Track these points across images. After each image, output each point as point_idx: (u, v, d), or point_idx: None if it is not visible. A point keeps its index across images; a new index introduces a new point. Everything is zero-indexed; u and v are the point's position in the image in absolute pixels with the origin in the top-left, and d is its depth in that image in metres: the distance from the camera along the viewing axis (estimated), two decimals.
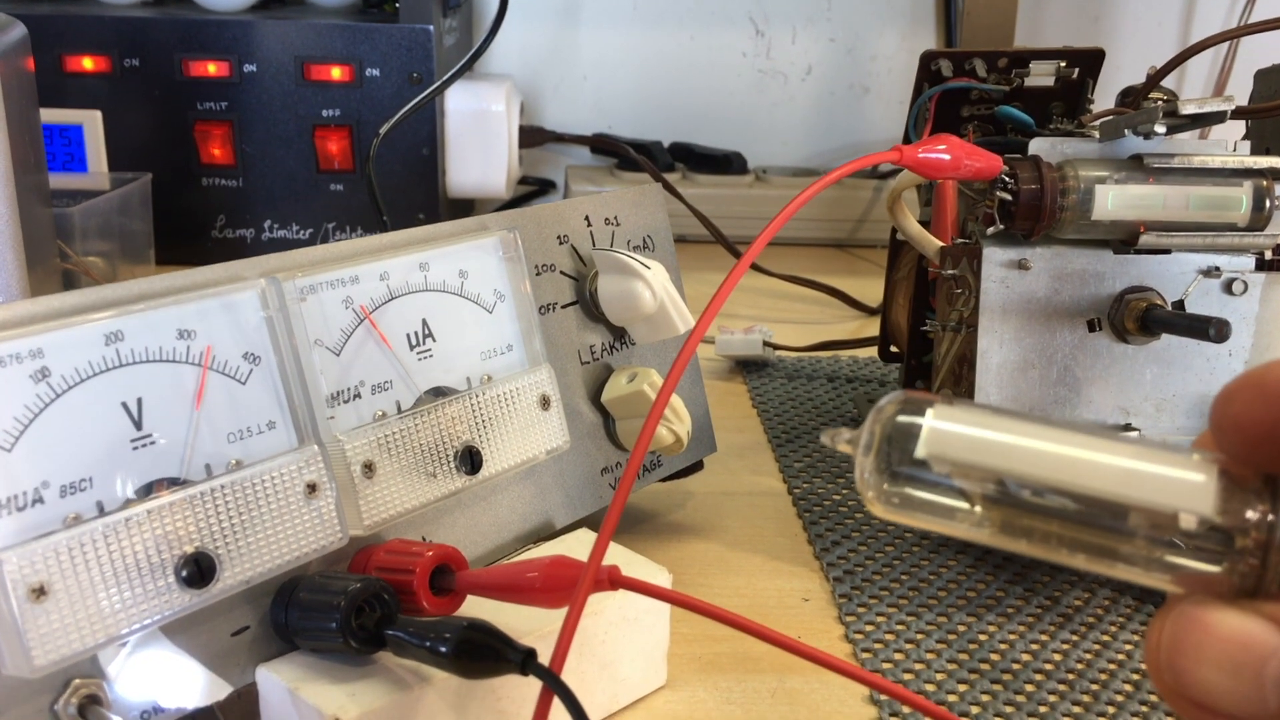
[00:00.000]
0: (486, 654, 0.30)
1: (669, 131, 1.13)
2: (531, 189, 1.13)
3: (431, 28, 0.87)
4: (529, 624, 0.36)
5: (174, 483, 0.32)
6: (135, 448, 0.31)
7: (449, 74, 0.73)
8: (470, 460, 0.38)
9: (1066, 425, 0.23)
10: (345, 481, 0.35)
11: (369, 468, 0.35)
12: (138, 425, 0.31)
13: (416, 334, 0.39)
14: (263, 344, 0.34)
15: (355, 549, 0.36)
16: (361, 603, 0.32)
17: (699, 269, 0.75)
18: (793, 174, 1.09)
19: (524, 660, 0.30)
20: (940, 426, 0.23)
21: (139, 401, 0.31)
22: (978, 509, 0.23)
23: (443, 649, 0.30)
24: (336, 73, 0.87)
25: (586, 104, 1.15)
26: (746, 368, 0.74)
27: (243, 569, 0.32)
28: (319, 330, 0.35)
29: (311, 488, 0.34)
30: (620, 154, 1.04)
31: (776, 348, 0.74)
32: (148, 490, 0.31)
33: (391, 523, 0.36)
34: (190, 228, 0.90)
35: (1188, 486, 0.21)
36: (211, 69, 0.87)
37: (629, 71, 1.14)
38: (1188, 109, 0.40)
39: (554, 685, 0.29)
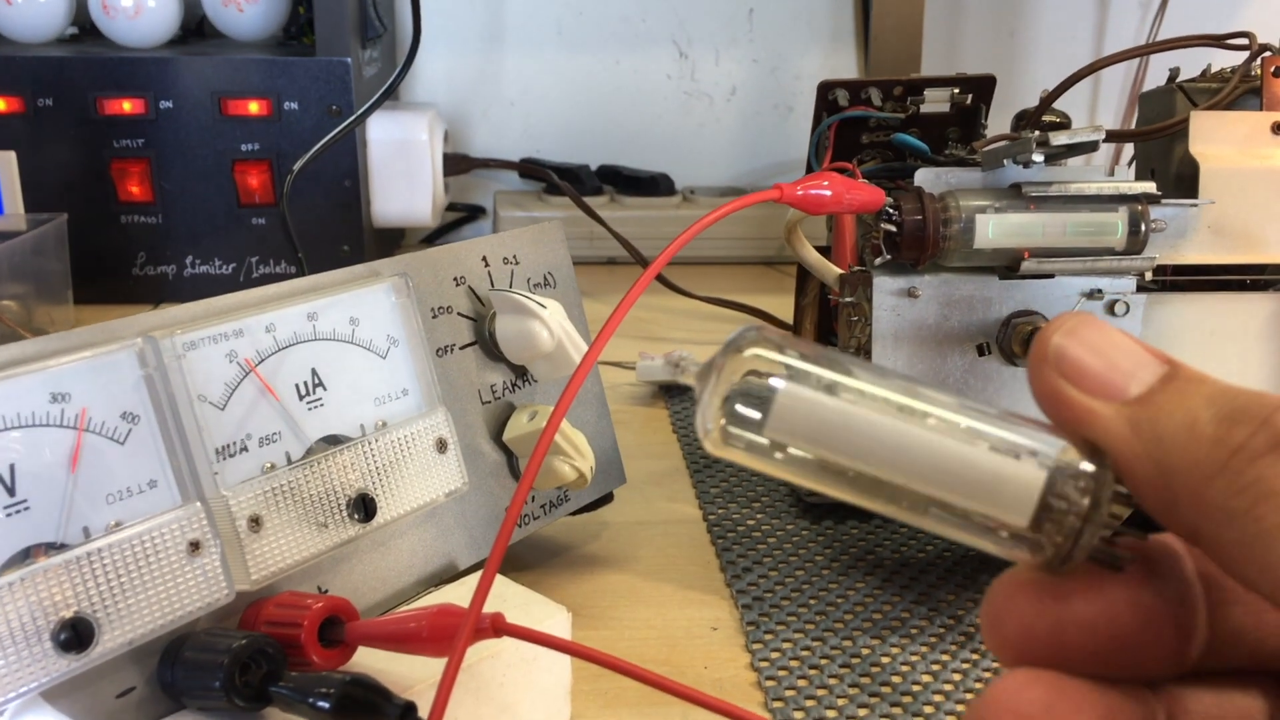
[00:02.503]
0: (365, 709, 0.31)
1: (597, 154, 1.13)
2: (461, 215, 1.13)
3: (349, 60, 0.87)
4: (424, 672, 0.36)
5: (52, 547, 0.32)
6: (8, 514, 0.31)
7: (363, 108, 0.73)
8: (364, 508, 0.39)
9: (920, 399, 0.23)
10: (231, 537, 0.35)
11: (255, 521, 0.35)
12: (10, 492, 0.31)
13: (306, 384, 0.39)
14: (141, 403, 0.34)
15: (246, 604, 0.36)
16: (246, 659, 0.33)
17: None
18: (720, 194, 1.10)
19: (401, 714, 0.30)
20: (787, 403, 0.23)
21: (11, 468, 0.31)
22: (810, 467, 0.23)
23: (323, 705, 0.31)
24: (254, 107, 0.87)
25: (515, 129, 1.15)
26: (669, 393, 0.74)
27: (123, 631, 0.32)
28: (202, 386, 0.35)
29: (194, 546, 0.34)
30: (546, 179, 1.05)
31: None
32: (25, 556, 0.31)
33: (282, 575, 0.36)
34: (111, 266, 0.89)
35: (1016, 491, 0.22)
36: (127, 106, 0.87)
37: (556, 96, 1.15)
38: (1060, 139, 0.41)
39: None
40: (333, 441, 0.39)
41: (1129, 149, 0.81)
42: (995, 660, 0.45)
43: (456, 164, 1.02)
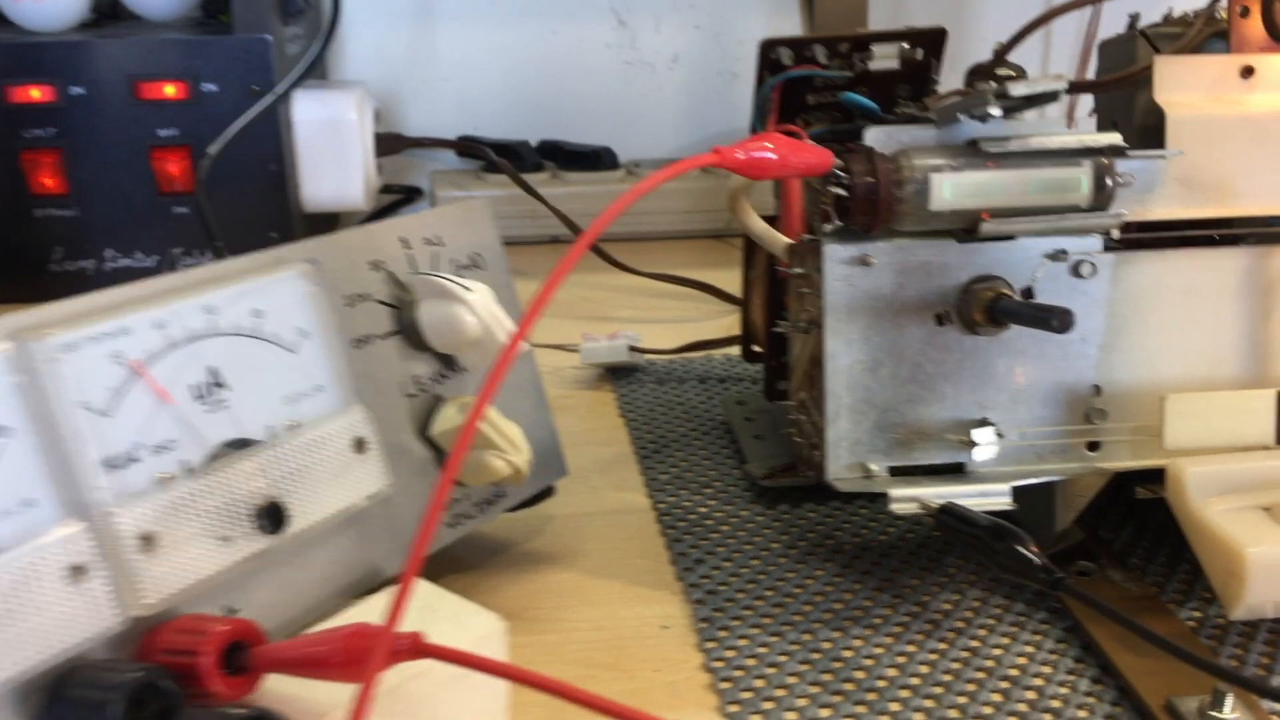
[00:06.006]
0: None
1: (537, 129, 1.10)
2: (398, 197, 1.09)
3: (269, 37, 0.83)
4: (342, 696, 0.32)
5: None
6: None
7: (280, 86, 0.69)
8: (272, 517, 0.35)
9: None
10: (120, 558, 0.31)
11: (148, 539, 0.32)
12: None
13: (205, 384, 0.35)
14: (13, 413, 0.30)
15: (144, 629, 0.32)
16: (140, 696, 0.29)
17: (572, 271, 0.72)
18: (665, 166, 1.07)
19: None
20: None
21: None
22: None
23: None
24: (170, 90, 0.82)
25: (450, 106, 1.11)
26: (615, 375, 0.71)
27: None
28: (82, 392, 0.32)
29: (77, 570, 0.30)
30: (484, 156, 1.01)
31: (644, 352, 0.71)
32: None
33: (181, 598, 0.33)
34: (25, 263, 0.84)
35: None
36: (36, 94, 0.82)
37: (492, 70, 1.11)
38: (1018, 90, 0.39)
39: None
40: (238, 446, 0.35)
41: (1085, 103, 0.78)
42: (964, 649, 0.42)
43: (389, 144, 0.98)
